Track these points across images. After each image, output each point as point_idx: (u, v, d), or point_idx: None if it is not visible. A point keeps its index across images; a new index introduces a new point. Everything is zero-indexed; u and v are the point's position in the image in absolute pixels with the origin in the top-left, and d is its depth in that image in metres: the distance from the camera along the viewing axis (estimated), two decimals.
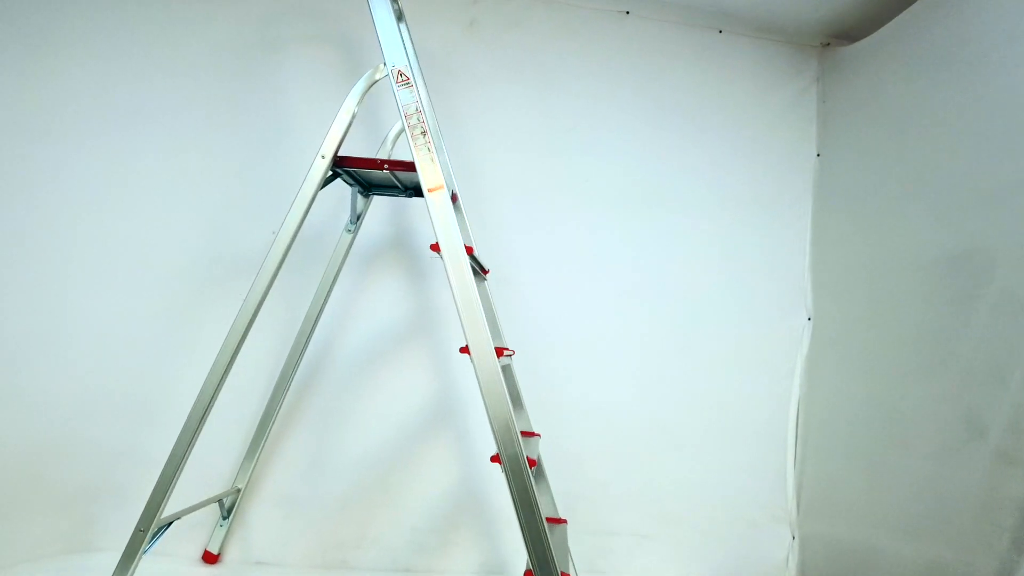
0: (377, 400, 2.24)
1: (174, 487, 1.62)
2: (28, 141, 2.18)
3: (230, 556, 2.13)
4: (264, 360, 2.16)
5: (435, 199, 1.60)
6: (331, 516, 2.18)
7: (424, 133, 1.64)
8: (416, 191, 2.02)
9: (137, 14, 2.26)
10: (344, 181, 1.92)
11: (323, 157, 1.69)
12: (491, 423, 1.51)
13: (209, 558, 2.08)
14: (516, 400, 1.98)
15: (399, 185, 1.98)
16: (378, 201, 2.25)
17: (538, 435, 1.98)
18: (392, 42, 1.67)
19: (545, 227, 2.37)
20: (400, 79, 1.67)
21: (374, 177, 1.94)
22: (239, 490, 2.08)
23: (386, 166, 1.71)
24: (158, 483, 1.61)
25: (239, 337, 1.65)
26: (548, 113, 2.40)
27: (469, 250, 1.62)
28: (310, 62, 2.32)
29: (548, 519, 1.97)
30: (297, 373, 2.15)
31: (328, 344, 2.25)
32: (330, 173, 1.79)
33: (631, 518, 2.34)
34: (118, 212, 2.22)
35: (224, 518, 2.08)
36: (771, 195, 2.50)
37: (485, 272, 2.04)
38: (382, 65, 1.69)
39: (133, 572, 1.58)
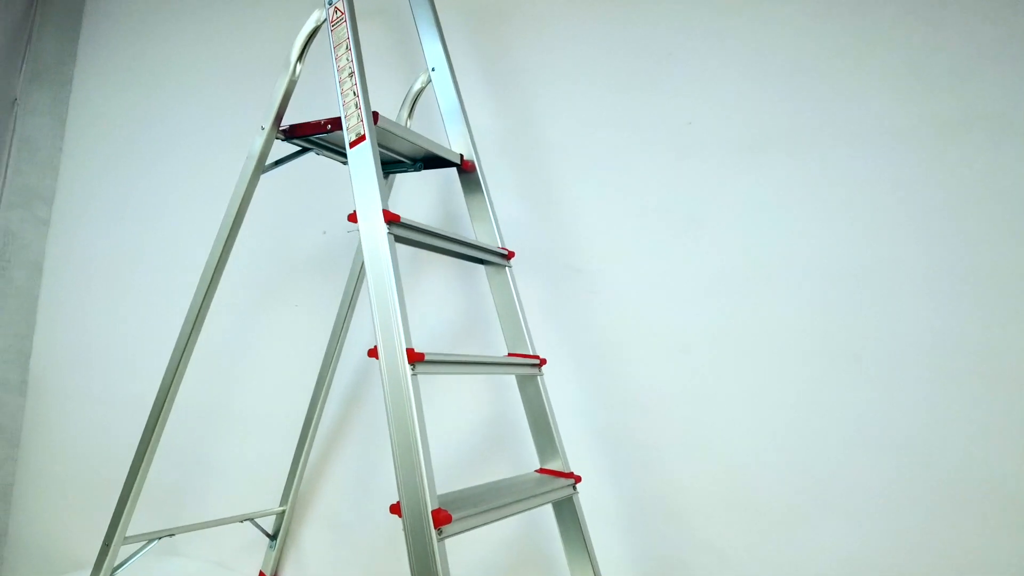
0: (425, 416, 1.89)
1: (136, 501, 1.50)
2: (141, 168, 2.40)
3: None
4: (309, 371, 1.98)
5: (356, 155, 1.24)
6: (378, 548, 1.90)
7: (352, 75, 1.29)
8: (426, 163, 1.65)
9: (218, 47, 2.36)
10: (330, 157, 1.64)
11: (262, 128, 1.44)
12: (394, 457, 1.08)
13: None
14: (542, 426, 1.47)
15: (400, 158, 1.64)
16: (415, 186, 1.94)
17: (572, 477, 1.43)
18: None
19: (629, 193, 1.76)
20: (335, 15, 1.35)
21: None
22: (283, 511, 1.92)
23: (329, 126, 1.39)
24: (120, 496, 1.50)
25: (185, 341, 1.48)
26: (631, 43, 1.79)
27: (394, 218, 1.20)
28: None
29: None
30: (341, 385, 1.95)
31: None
32: (297, 148, 1.56)
33: None
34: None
35: (271, 539, 1.94)
36: (1014, 107, 1.51)
37: (510, 256, 1.57)
38: (327, 6, 1.40)
39: None
